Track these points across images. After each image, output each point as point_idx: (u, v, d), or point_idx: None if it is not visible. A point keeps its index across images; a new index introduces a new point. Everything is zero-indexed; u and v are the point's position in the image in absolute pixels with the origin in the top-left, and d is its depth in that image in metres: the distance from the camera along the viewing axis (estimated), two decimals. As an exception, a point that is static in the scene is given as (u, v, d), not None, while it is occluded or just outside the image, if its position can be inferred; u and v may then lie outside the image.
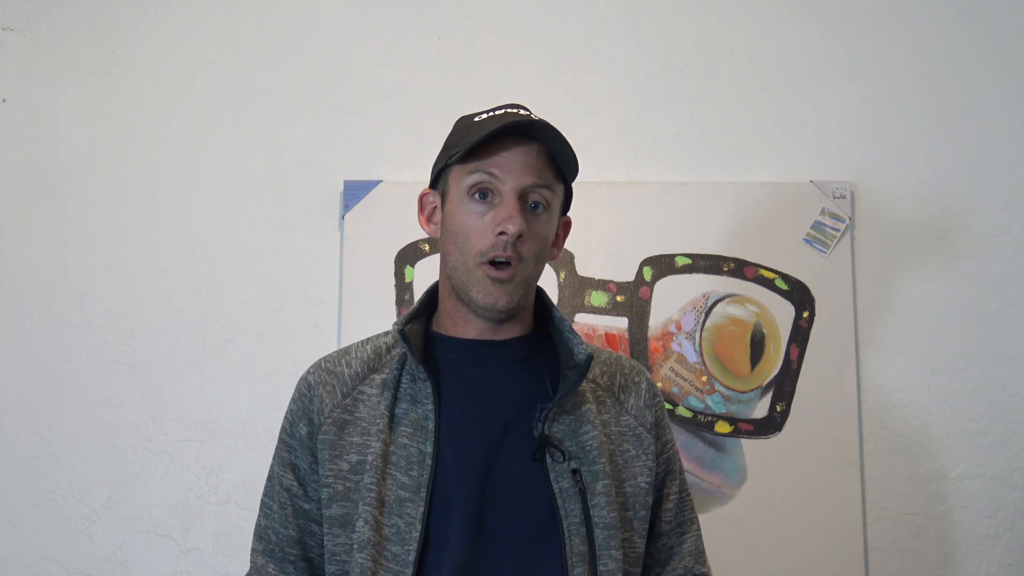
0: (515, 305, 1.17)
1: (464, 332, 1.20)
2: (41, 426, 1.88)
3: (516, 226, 1.13)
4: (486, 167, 1.15)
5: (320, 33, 2.00)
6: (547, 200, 1.18)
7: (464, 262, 1.16)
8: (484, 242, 1.14)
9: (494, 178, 1.15)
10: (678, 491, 1.26)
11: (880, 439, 1.85)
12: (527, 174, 1.15)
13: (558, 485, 1.13)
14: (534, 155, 1.16)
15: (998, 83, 1.96)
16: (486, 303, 1.15)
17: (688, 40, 1.99)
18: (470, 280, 1.16)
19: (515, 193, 1.15)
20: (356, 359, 1.21)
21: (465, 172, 1.17)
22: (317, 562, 1.19)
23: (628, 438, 1.20)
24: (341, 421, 1.17)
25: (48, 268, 1.93)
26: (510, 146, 1.15)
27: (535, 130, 1.16)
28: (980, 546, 1.83)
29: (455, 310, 1.20)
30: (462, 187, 1.17)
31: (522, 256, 1.15)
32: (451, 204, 1.19)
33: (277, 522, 1.19)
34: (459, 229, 1.17)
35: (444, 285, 1.22)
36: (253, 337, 1.90)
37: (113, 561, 1.84)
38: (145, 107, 1.98)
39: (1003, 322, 1.89)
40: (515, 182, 1.15)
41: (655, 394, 1.26)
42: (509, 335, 1.21)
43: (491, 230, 1.14)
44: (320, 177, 1.95)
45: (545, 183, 1.17)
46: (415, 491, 1.11)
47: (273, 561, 1.19)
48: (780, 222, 1.90)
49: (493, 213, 1.15)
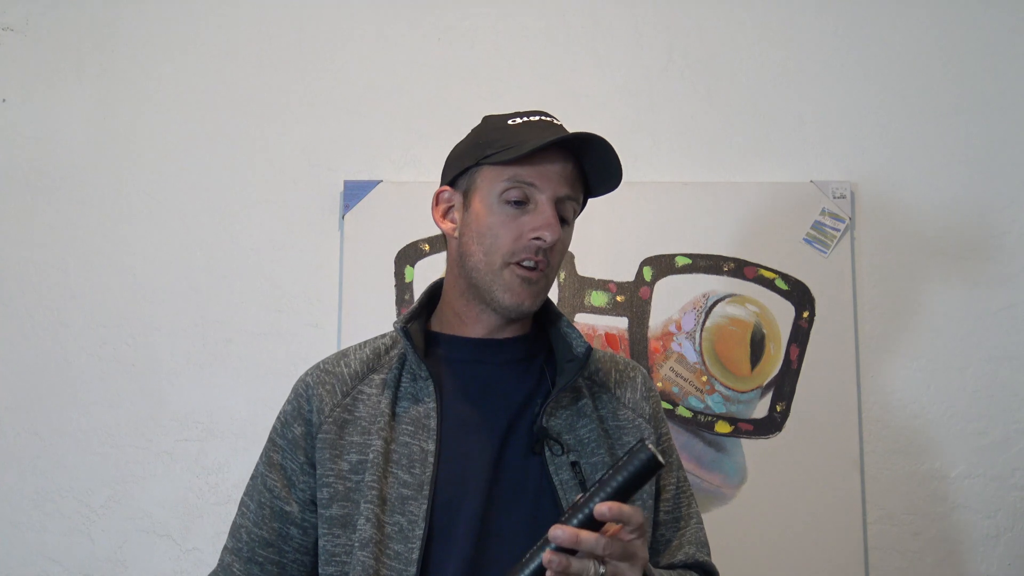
0: (537, 308, 1.18)
1: (469, 331, 1.21)
2: (41, 426, 1.88)
3: (554, 234, 1.13)
4: (526, 177, 1.15)
5: (320, 33, 2.00)
6: (574, 212, 1.20)
7: (489, 262, 1.16)
8: (516, 244, 1.15)
9: (533, 187, 1.15)
10: (675, 483, 1.26)
11: (880, 439, 1.85)
12: (563, 185, 1.16)
13: (558, 478, 1.13)
14: (571, 168, 1.17)
15: (998, 83, 1.96)
16: (512, 303, 1.16)
17: (688, 40, 1.99)
18: (495, 280, 1.16)
19: (551, 202, 1.15)
20: (355, 360, 1.22)
21: (500, 176, 1.16)
22: (290, 568, 1.18)
23: (627, 431, 1.21)
24: (341, 420, 1.17)
25: (48, 268, 1.93)
26: (551, 157, 1.15)
27: (580, 146, 1.16)
28: (980, 546, 1.83)
29: (465, 309, 1.20)
30: (495, 190, 1.16)
31: (550, 262, 1.17)
32: (479, 205, 1.17)
33: (251, 521, 1.19)
34: (487, 231, 1.16)
35: (454, 284, 1.22)
36: (253, 337, 1.90)
37: (113, 561, 1.84)
38: (145, 107, 1.98)
39: (1003, 322, 1.89)
40: (552, 192, 1.15)
41: (651, 388, 1.27)
42: (512, 334, 1.22)
43: (524, 234, 1.14)
44: (320, 177, 1.95)
45: (575, 197, 1.18)
46: (418, 489, 1.11)
47: (239, 561, 1.19)
48: (780, 222, 1.90)
49: (528, 218, 1.15)
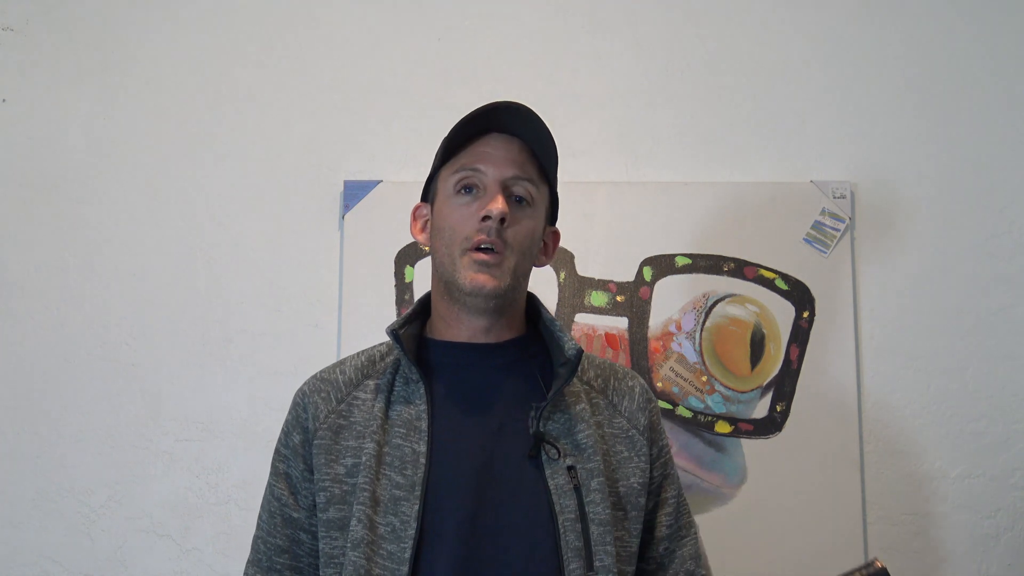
0: (503, 291, 1.17)
1: (456, 335, 1.21)
2: (41, 426, 1.88)
3: (499, 207, 1.14)
4: (469, 163, 1.19)
5: (320, 33, 2.00)
6: (531, 195, 1.20)
7: (450, 253, 1.17)
8: (469, 228, 1.16)
9: (478, 172, 1.18)
10: (676, 495, 1.27)
11: (880, 439, 1.85)
12: (509, 166, 1.18)
13: (554, 482, 1.13)
14: (516, 150, 1.19)
15: (998, 83, 1.96)
16: (473, 287, 1.15)
17: (688, 40, 1.98)
18: (456, 268, 1.17)
19: (498, 183, 1.17)
20: (350, 367, 1.23)
21: (450, 171, 1.21)
22: (307, 572, 1.20)
23: (620, 440, 1.21)
24: (336, 426, 1.18)
25: (48, 268, 1.92)
26: (492, 142, 1.19)
27: (515, 123, 1.19)
28: (980, 546, 1.83)
29: (447, 311, 1.21)
30: (448, 186, 1.20)
31: (507, 241, 1.16)
32: (439, 205, 1.22)
33: (265, 531, 1.21)
34: (445, 223, 1.19)
35: (436, 287, 1.24)
36: (253, 337, 1.90)
37: (113, 561, 1.84)
38: (145, 107, 1.98)
39: (1003, 322, 1.89)
40: (497, 173, 1.18)
41: (649, 398, 1.27)
42: (500, 338, 1.21)
43: (475, 217, 1.16)
44: (320, 177, 1.95)
45: (527, 176, 1.19)
46: (409, 489, 1.11)
47: (260, 571, 1.21)
48: (780, 222, 1.90)
49: (478, 203, 1.17)
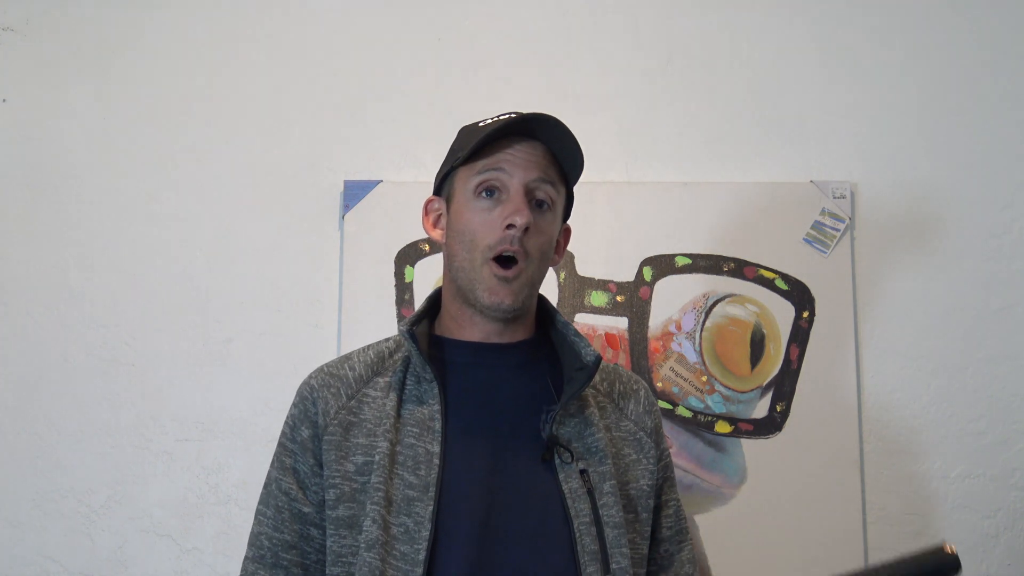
0: (520, 305, 1.17)
1: (469, 335, 1.21)
2: (41, 426, 1.88)
3: (524, 218, 1.13)
4: (492, 164, 1.16)
5: (320, 33, 2.00)
6: (552, 198, 1.19)
7: (471, 260, 1.16)
8: (492, 236, 1.15)
9: (501, 173, 1.16)
10: (676, 499, 1.29)
11: (880, 439, 1.85)
12: (533, 169, 1.16)
13: (568, 485, 1.13)
14: (539, 153, 1.17)
15: (998, 83, 1.96)
16: (492, 302, 1.15)
17: (688, 40, 1.98)
18: (476, 279, 1.16)
19: (522, 187, 1.15)
20: (359, 363, 1.22)
21: (472, 172, 1.18)
22: (313, 568, 1.17)
23: (628, 443, 1.22)
24: (346, 423, 1.16)
25: (48, 268, 1.92)
26: (515, 144, 1.17)
27: (539, 129, 1.16)
28: (980, 546, 1.83)
29: (460, 313, 1.21)
30: (469, 187, 1.18)
31: (528, 252, 1.16)
32: (457, 205, 1.19)
33: (271, 527, 1.18)
34: (465, 227, 1.17)
35: (448, 288, 1.22)
36: (253, 337, 1.90)
37: (113, 561, 1.84)
38: (145, 107, 1.97)
39: (1003, 322, 1.89)
40: (521, 176, 1.15)
41: (653, 402, 1.28)
42: (513, 339, 1.21)
43: (499, 224, 1.15)
44: (320, 177, 1.95)
45: (550, 180, 1.18)
46: (423, 490, 1.11)
47: (264, 567, 1.17)
48: (780, 222, 1.90)
49: (500, 208, 1.15)
